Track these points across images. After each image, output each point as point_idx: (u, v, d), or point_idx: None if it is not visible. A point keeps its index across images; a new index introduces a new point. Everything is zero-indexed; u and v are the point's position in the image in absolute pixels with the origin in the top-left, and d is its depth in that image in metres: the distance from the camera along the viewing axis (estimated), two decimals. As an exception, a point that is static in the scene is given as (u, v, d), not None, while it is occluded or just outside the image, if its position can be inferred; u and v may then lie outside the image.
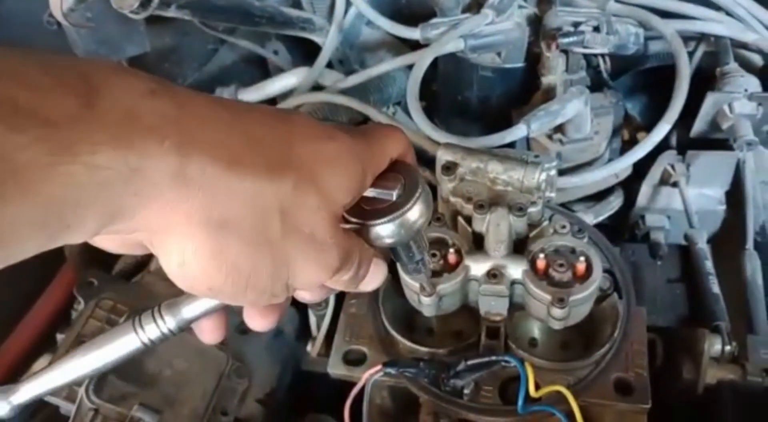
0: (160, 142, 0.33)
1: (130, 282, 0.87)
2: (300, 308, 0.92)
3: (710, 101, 0.91)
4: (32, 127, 0.29)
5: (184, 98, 0.35)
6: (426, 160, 0.89)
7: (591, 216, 0.95)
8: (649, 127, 0.93)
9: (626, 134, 1.13)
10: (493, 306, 0.69)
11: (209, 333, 0.47)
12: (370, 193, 0.44)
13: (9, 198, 0.28)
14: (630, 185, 1.02)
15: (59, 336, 0.81)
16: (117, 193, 0.32)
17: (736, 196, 0.92)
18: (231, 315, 0.89)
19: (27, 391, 0.45)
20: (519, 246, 0.69)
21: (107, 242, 0.42)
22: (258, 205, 0.38)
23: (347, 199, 0.42)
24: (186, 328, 0.46)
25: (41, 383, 0.46)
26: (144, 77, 0.34)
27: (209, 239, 0.36)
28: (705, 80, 0.99)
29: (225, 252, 0.37)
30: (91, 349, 0.46)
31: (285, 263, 0.40)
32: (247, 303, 0.44)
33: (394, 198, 0.44)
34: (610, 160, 0.97)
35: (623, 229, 1.04)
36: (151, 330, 0.45)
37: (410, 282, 0.68)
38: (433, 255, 0.68)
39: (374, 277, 0.48)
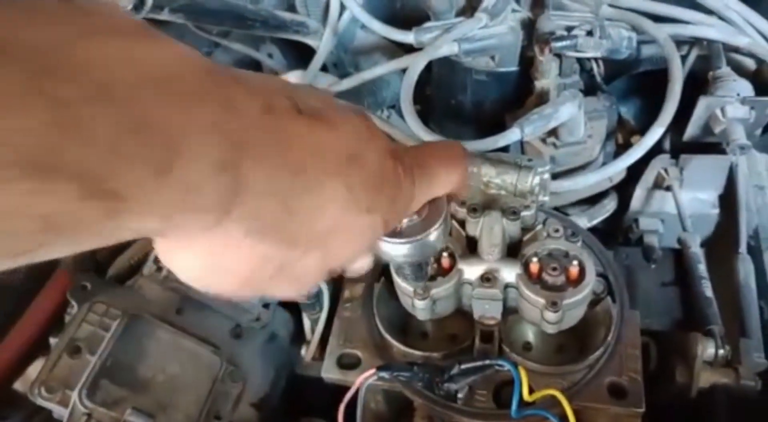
0: (207, 217, 0.33)
1: (124, 286, 0.87)
2: (294, 312, 0.92)
3: (702, 105, 0.91)
4: (102, 198, 0.28)
5: (247, 171, 0.33)
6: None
7: (585, 220, 0.95)
8: (643, 130, 0.94)
9: (620, 138, 1.13)
10: (486, 310, 0.69)
11: None
12: None
13: (51, 245, 0.28)
14: (624, 189, 1.02)
15: (52, 340, 0.80)
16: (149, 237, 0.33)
17: (729, 199, 0.92)
18: (223, 319, 0.89)
19: None
20: (513, 250, 0.70)
21: None
22: (263, 260, 0.38)
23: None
24: None
25: None
26: (219, 142, 0.31)
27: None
28: (698, 83, 1.00)
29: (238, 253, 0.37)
30: None
31: (290, 277, 0.40)
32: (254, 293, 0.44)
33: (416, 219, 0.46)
34: (604, 163, 0.97)
35: (617, 233, 1.04)
36: None
37: (404, 287, 0.68)
38: (427, 259, 0.68)
39: (363, 264, 0.49)
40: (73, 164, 0.26)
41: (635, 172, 0.98)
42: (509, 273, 0.66)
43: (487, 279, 0.66)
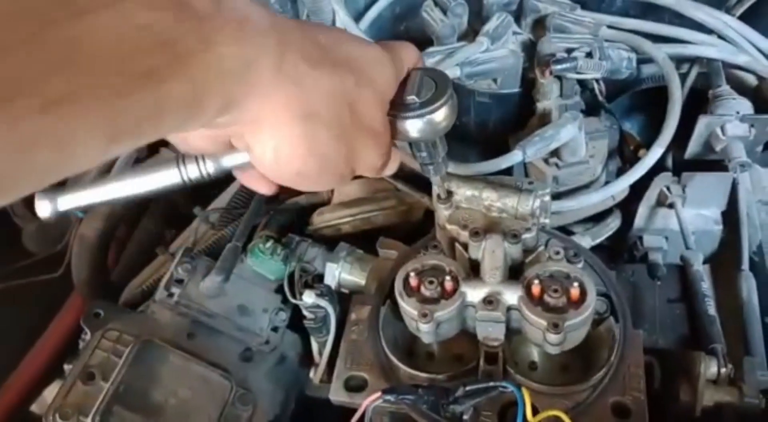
0: (267, 41, 0.39)
1: (136, 312, 0.89)
2: (303, 334, 0.93)
3: (703, 124, 0.92)
4: (188, 18, 0.34)
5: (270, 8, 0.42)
6: (425, 183, 0.90)
7: (588, 239, 0.96)
8: (649, 144, 0.94)
9: (627, 153, 1.14)
10: (490, 331, 0.70)
11: (259, 180, 0.51)
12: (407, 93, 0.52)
13: (168, 76, 0.33)
14: (628, 206, 1.03)
15: (66, 367, 0.82)
16: (234, 81, 0.38)
17: (732, 216, 0.93)
18: (233, 343, 0.91)
19: (70, 201, 0.47)
20: (515, 272, 0.71)
21: (200, 140, 0.48)
22: (334, 98, 0.45)
23: (391, 94, 0.51)
24: (221, 175, 0.49)
25: (83, 196, 0.48)
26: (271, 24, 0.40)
27: (300, 127, 0.43)
28: (700, 100, 1.01)
29: (313, 139, 0.44)
30: (133, 175, 0.48)
31: (355, 149, 0.48)
32: (319, 187, 0.53)
33: (422, 98, 0.52)
34: (607, 182, 0.98)
35: (622, 250, 1.05)
36: (192, 169, 0.48)
37: (409, 310, 0.69)
38: (430, 282, 0.69)
39: (394, 163, 0.57)
40: None
41: (638, 189, 0.99)
42: (511, 296, 0.67)
43: (489, 301, 0.67)
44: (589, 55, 0.96)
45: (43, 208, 0.47)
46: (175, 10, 0.33)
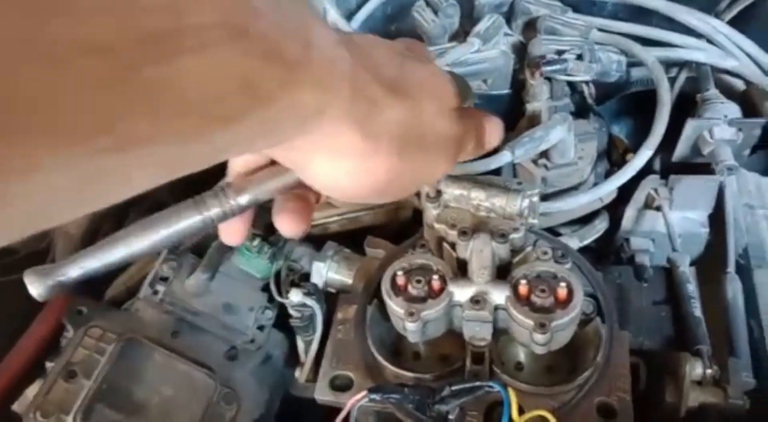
0: (344, 85, 0.39)
1: (120, 310, 0.88)
2: (289, 333, 0.93)
3: (690, 127, 0.93)
4: (276, 66, 0.33)
5: (347, 41, 0.41)
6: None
7: (576, 241, 0.96)
8: (637, 148, 0.95)
9: (615, 156, 1.15)
10: (477, 331, 0.70)
11: (296, 214, 0.51)
12: None
13: (245, 119, 0.32)
14: (615, 208, 1.03)
15: (48, 365, 0.81)
16: (306, 121, 0.38)
17: (718, 219, 0.93)
18: (218, 341, 0.90)
19: (72, 270, 0.42)
20: (502, 272, 0.70)
21: (244, 162, 0.47)
22: (400, 123, 0.44)
23: (456, 103, 0.51)
24: (255, 205, 0.47)
25: (87, 263, 0.43)
26: (330, 27, 0.40)
27: (363, 156, 0.43)
28: (689, 104, 1.01)
29: (377, 167, 0.44)
30: (152, 227, 0.44)
31: (422, 169, 0.48)
32: (378, 202, 0.54)
33: None
34: (595, 184, 0.99)
35: (609, 252, 1.05)
36: (216, 211, 0.44)
37: (396, 309, 0.68)
38: (418, 281, 0.69)
39: (494, 134, 0.58)
40: (262, 28, 0.32)
41: (626, 191, 1.00)
42: (499, 296, 0.67)
43: (476, 301, 0.67)
44: (580, 57, 0.96)
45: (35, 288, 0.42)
46: (264, 57, 0.32)
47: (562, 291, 0.66)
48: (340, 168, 0.43)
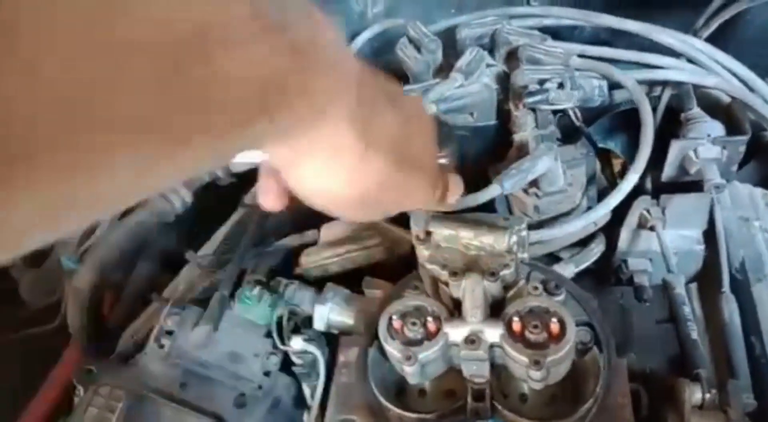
0: (352, 86, 0.40)
1: (128, 365, 0.89)
2: (297, 376, 0.93)
3: (676, 148, 0.94)
4: (301, 60, 0.34)
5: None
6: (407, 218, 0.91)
7: (572, 266, 0.97)
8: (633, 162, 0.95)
9: (608, 174, 1.16)
10: (475, 370, 0.71)
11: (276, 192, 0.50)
12: None
13: (275, 114, 0.34)
14: (611, 230, 1.04)
15: (61, 425, 0.83)
16: (312, 121, 0.38)
17: (712, 236, 0.94)
18: (226, 390, 0.91)
19: None
20: (497, 309, 0.71)
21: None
22: (396, 135, 0.46)
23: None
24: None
25: None
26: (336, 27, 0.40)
27: (360, 160, 0.43)
28: (676, 121, 1.03)
29: (370, 174, 0.45)
30: None
31: (407, 188, 0.50)
32: (356, 217, 0.53)
33: None
34: (588, 207, 1.00)
35: (609, 273, 1.05)
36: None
37: (393, 353, 0.70)
38: (413, 323, 0.70)
39: (455, 192, 0.60)
40: (287, 23, 0.33)
41: (620, 213, 1.00)
42: (493, 334, 0.68)
43: (471, 341, 0.68)
44: (561, 85, 0.97)
45: None
46: (292, 52, 0.33)
47: (554, 326, 0.67)
48: (333, 170, 0.43)
